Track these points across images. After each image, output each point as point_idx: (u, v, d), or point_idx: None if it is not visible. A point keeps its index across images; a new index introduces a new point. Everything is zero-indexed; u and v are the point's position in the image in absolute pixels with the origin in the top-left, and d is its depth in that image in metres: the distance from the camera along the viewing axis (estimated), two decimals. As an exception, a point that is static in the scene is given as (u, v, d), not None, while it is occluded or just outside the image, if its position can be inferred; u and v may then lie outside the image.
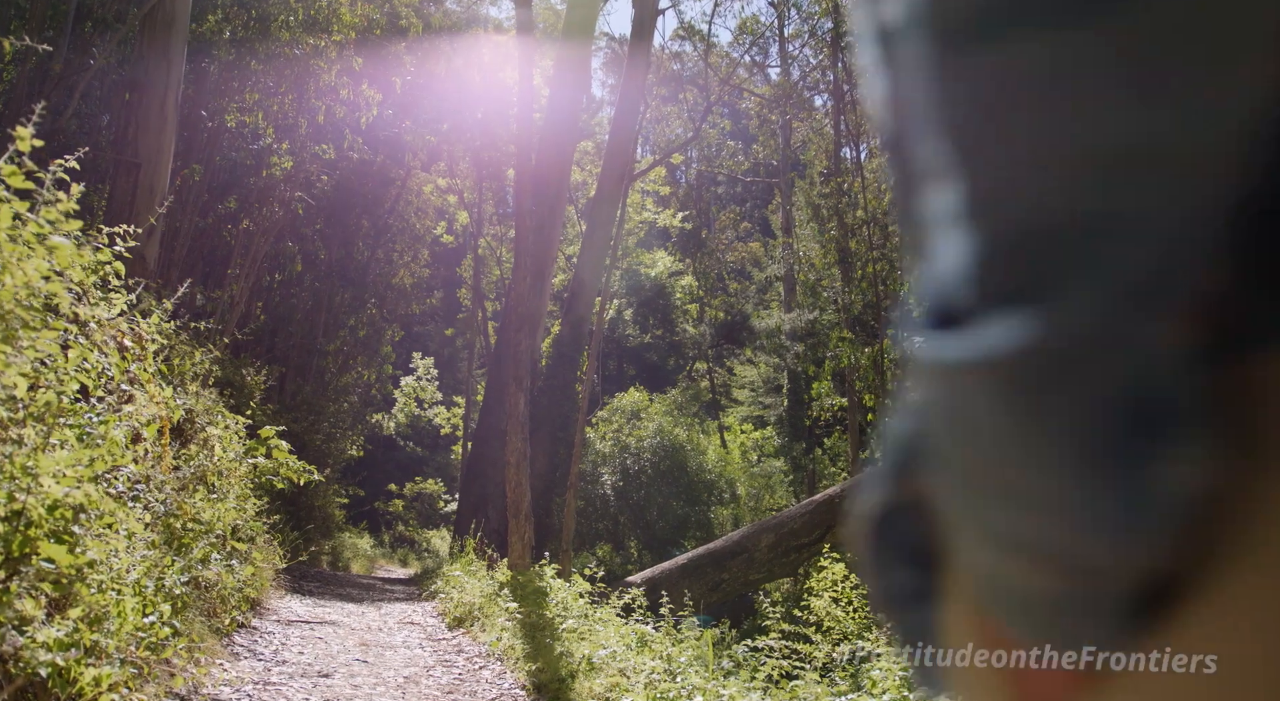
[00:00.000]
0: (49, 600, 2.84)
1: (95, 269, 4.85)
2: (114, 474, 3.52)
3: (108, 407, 3.98)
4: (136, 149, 7.62)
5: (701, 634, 5.85)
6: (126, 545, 3.46)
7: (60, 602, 2.88)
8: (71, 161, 5.00)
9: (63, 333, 3.79)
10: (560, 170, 15.88)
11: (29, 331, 3.15)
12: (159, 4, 7.77)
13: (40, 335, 2.96)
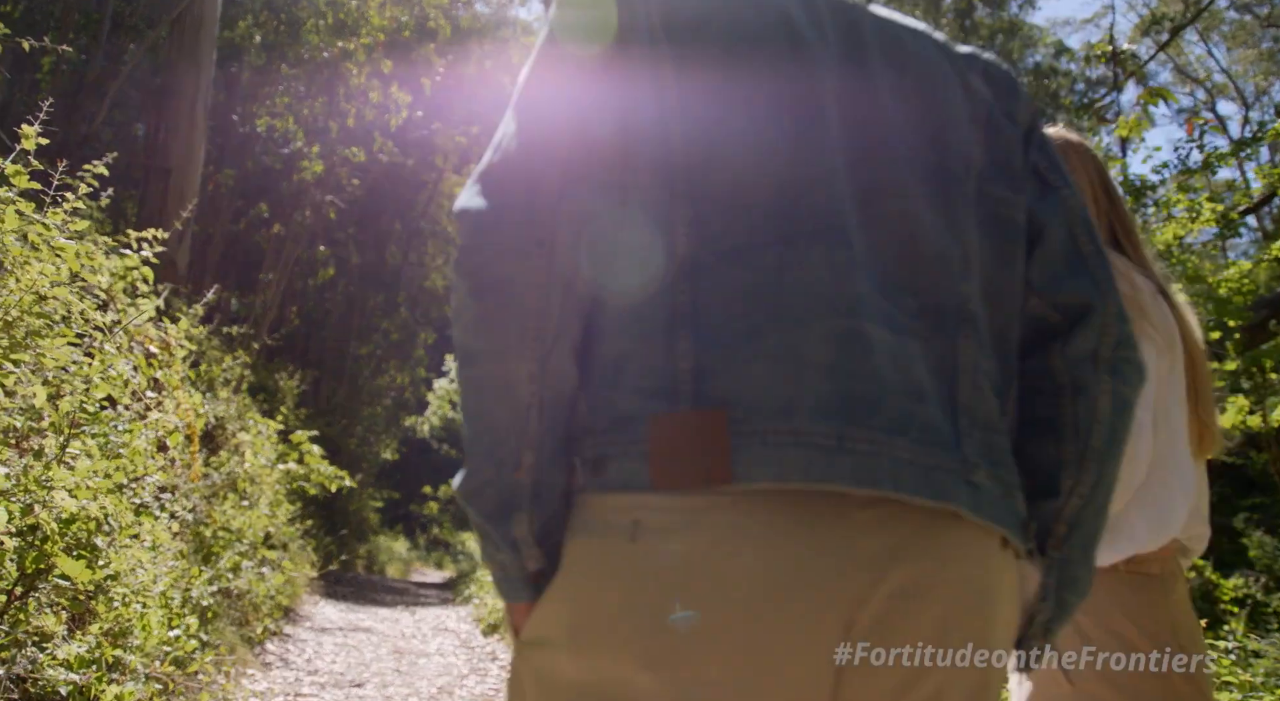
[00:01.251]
0: (71, 615, 2.76)
1: (123, 274, 4.80)
2: (139, 483, 3.44)
3: (134, 415, 3.90)
4: (167, 154, 7.62)
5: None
6: (152, 556, 3.37)
7: (82, 617, 2.80)
8: (100, 167, 4.96)
9: (86, 339, 3.72)
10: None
11: (37, 339, 3.07)
12: (188, 9, 7.76)
13: (49, 342, 2.87)
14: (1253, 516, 10.17)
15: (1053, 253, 1.03)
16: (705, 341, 0.87)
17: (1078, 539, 1.00)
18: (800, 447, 0.82)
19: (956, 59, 1.07)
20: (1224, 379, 6.08)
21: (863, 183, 0.95)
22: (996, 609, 0.90)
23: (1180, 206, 5.57)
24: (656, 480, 0.84)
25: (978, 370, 0.94)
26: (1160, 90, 6.16)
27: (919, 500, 0.84)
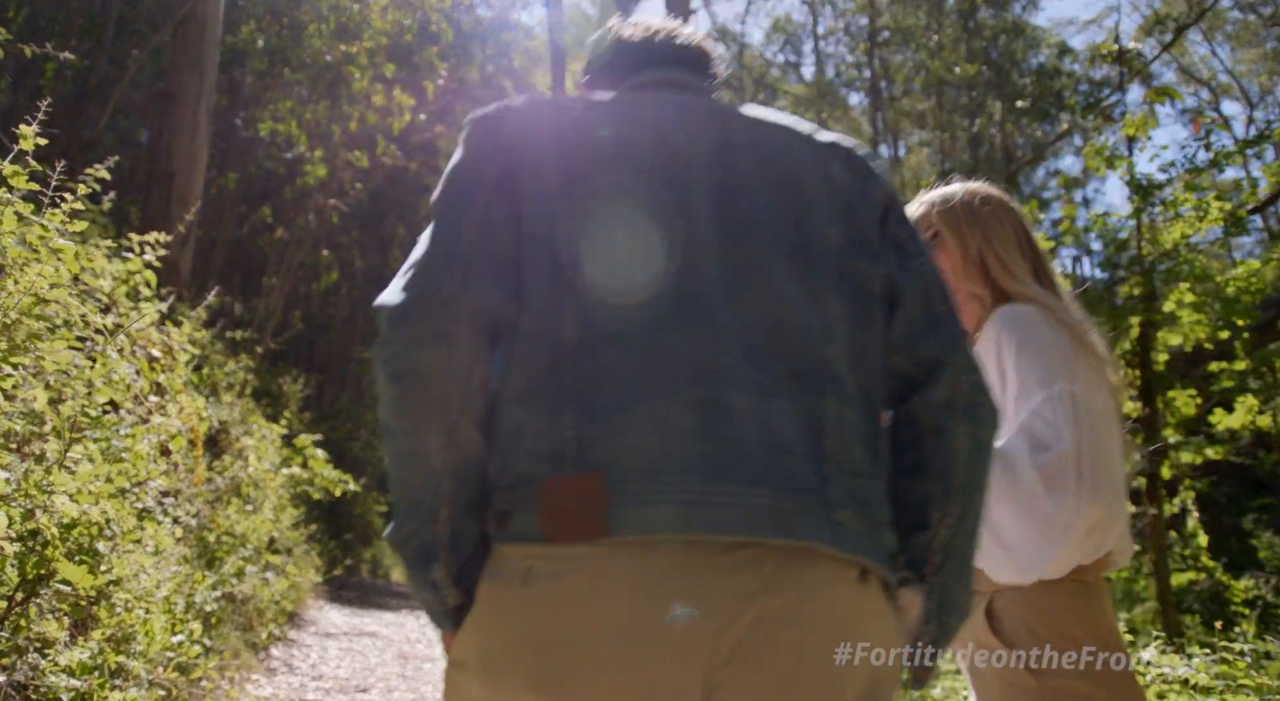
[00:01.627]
0: (73, 621, 2.74)
1: (125, 278, 4.78)
2: (141, 488, 3.41)
3: (137, 420, 3.88)
4: (170, 158, 7.60)
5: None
6: (155, 561, 3.35)
7: (84, 623, 2.78)
8: (102, 171, 4.93)
9: (88, 343, 3.70)
10: (594, 173, 15.76)
11: (37, 341, 3.05)
12: (191, 13, 7.75)
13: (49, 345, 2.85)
14: (1261, 517, 10.13)
15: (910, 314, 1.19)
16: (587, 414, 1.03)
17: (951, 566, 1.14)
18: (667, 504, 0.98)
19: (818, 150, 1.24)
20: (1233, 379, 6.03)
21: (732, 269, 1.11)
22: (855, 635, 1.01)
23: (1188, 205, 5.53)
24: (546, 533, 1.00)
25: (842, 423, 1.08)
26: (1166, 89, 6.13)
27: (776, 540, 0.98)
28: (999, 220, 1.70)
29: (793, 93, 27.27)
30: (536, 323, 1.08)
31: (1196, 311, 5.59)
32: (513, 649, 1.01)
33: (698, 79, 1.34)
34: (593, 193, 1.13)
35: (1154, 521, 5.56)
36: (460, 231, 1.11)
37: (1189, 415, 5.76)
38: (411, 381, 1.07)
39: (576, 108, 1.21)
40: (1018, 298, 1.63)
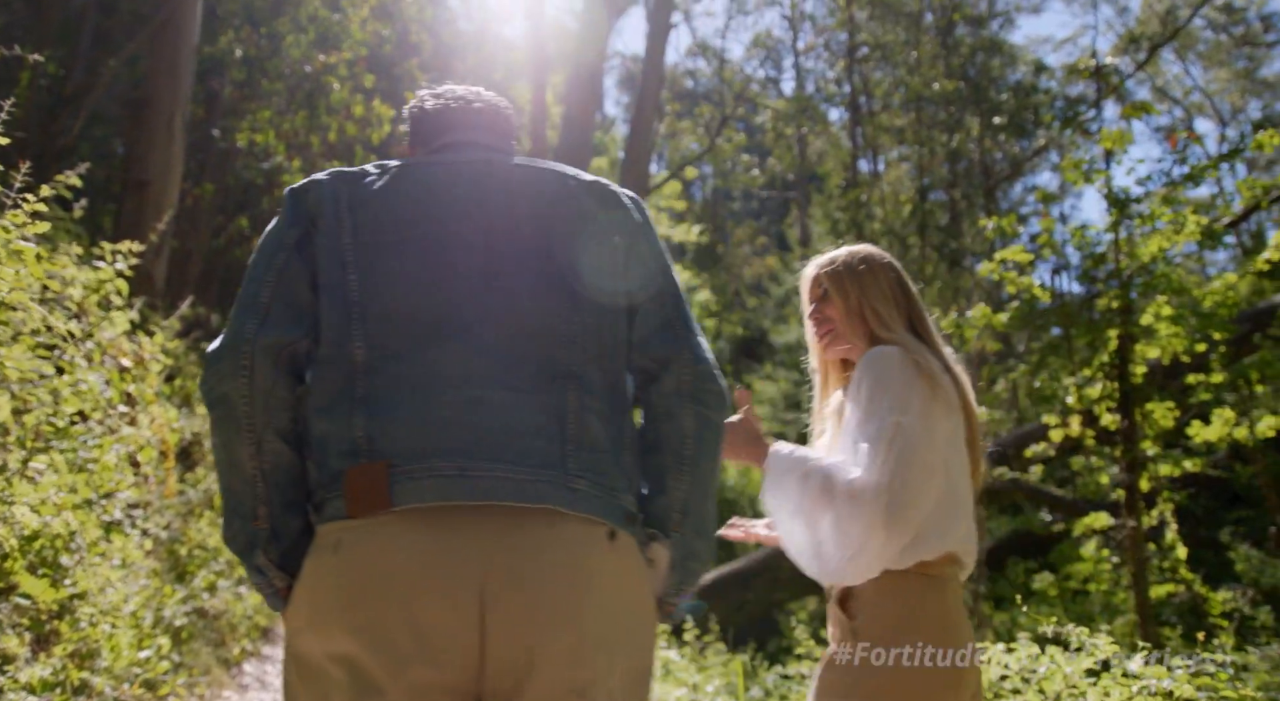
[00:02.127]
0: (35, 636, 2.66)
1: (96, 287, 4.70)
2: (110, 500, 3.34)
3: (106, 430, 3.81)
4: (145, 166, 7.50)
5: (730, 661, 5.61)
6: (122, 575, 3.28)
7: (47, 638, 2.70)
8: (73, 178, 4.85)
9: (56, 351, 3.63)
10: (575, 186, 15.77)
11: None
12: (168, 20, 7.68)
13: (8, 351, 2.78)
14: (1238, 530, 10.18)
15: (645, 322, 1.48)
16: (372, 418, 1.32)
17: (690, 522, 1.44)
18: (432, 479, 1.28)
19: (576, 189, 1.51)
20: (1210, 391, 6.05)
21: (492, 294, 1.40)
22: (598, 581, 1.31)
23: (1164, 219, 5.57)
24: (349, 511, 1.28)
25: (583, 411, 1.37)
26: (1143, 104, 6.18)
27: (521, 504, 1.28)
28: (875, 277, 2.02)
29: (773, 108, 27.37)
30: (331, 351, 1.38)
31: (1174, 324, 5.61)
32: (331, 602, 1.29)
33: (488, 137, 1.63)
34: (377, 243, 1.42)
35: (1133, 533, 5.57)
36: (261, 287, 1.40)
37: (1167, 427, 5.78)
38: (223, 406, 1.37)
39: (373, 175, 1.49)
40: (885, 343, 1.93)
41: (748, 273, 37.39)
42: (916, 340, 1.94)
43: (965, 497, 1.87)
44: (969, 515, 1.87)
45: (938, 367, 1.87)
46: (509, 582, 1.25)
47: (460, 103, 1.65)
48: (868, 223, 21.25)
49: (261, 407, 1.35)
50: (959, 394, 1.90)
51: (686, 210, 32.85)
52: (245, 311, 1.39)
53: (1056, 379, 6.19)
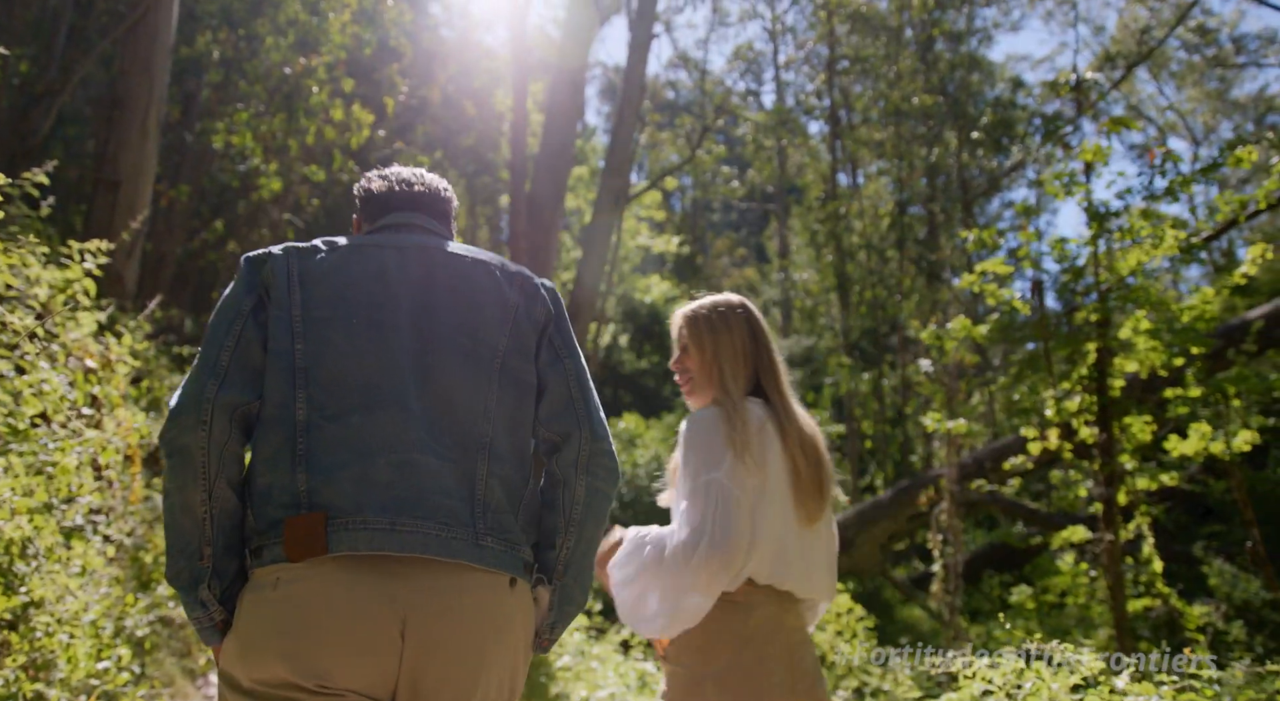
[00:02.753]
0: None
1: (63, 287, 4.58)
2: (70, 505, 3.23)
3: (70, 433, 3.70)
4: (116, 166, 7.37)
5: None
6: (82, 583, 3.17)
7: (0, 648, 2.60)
8: (40, 175, 4.75)
9: (16, 351, 3.52)
10: (555, 196, 15.70)
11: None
12: (142, 18, 7.56)
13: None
14: (1211, 544, 10.22)
15: (552, 400, 1.72)
16: (313, 473, 1.51)
17: (571, 573, 1.70)
18: (366, 531, 1.48)
19: (501, 278, 1.76)
20: (1186, 405, 6.06)
21: (421, 369, 1.61)
22: (496, 622, 1.55)
23: (1144, 233, 5.57)
24: (289, 555, 1.47)
25: (491, 477, 1.60)
26: (1123, 119, 6.20)
27: (439, 558, 1.50)
28: (730, 331, 2.21)
29: (753, 120, 27.44)
30: (277, 411, 1.58)
31: (1152, 338, 5.61)
32: (266, 634, 1.47)
33: (427, 220, 1.87)
34: (321, 317, 1.62)
35: (1110, 547, 5.56)
36: (221, 350, 1.59)
37: (1145, 441, 5.78)
38: (181, 456, 1.54)
39: (323, 251, 1.71)
40: (719, 401, 2.15)
41: (727, 284, 37.44)
42: (752, 398, 2.16)
43: (772, 535, 2.09)
44: (777, 549, 2.10)
45: (756, 425, 2.10)
46: (426, 621, 1.50)
47: (403, 186, 1.90)
48: (846, 235, 21.33)
49: (216, 459, 1.55)
50: (783, 441, 2.13)
51: (666, 221, 32.87)
52: (206, 372, 1.59)
53: (1035, 392, 6.18)
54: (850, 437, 21.53)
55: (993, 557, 13.18)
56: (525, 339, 1.73)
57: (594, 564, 1.77)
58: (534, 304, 1.77)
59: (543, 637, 1.73)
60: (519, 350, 1.72)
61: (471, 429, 1.63)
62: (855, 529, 11.94)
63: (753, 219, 48.87)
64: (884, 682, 8.43)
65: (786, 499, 2.13)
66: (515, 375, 1.70)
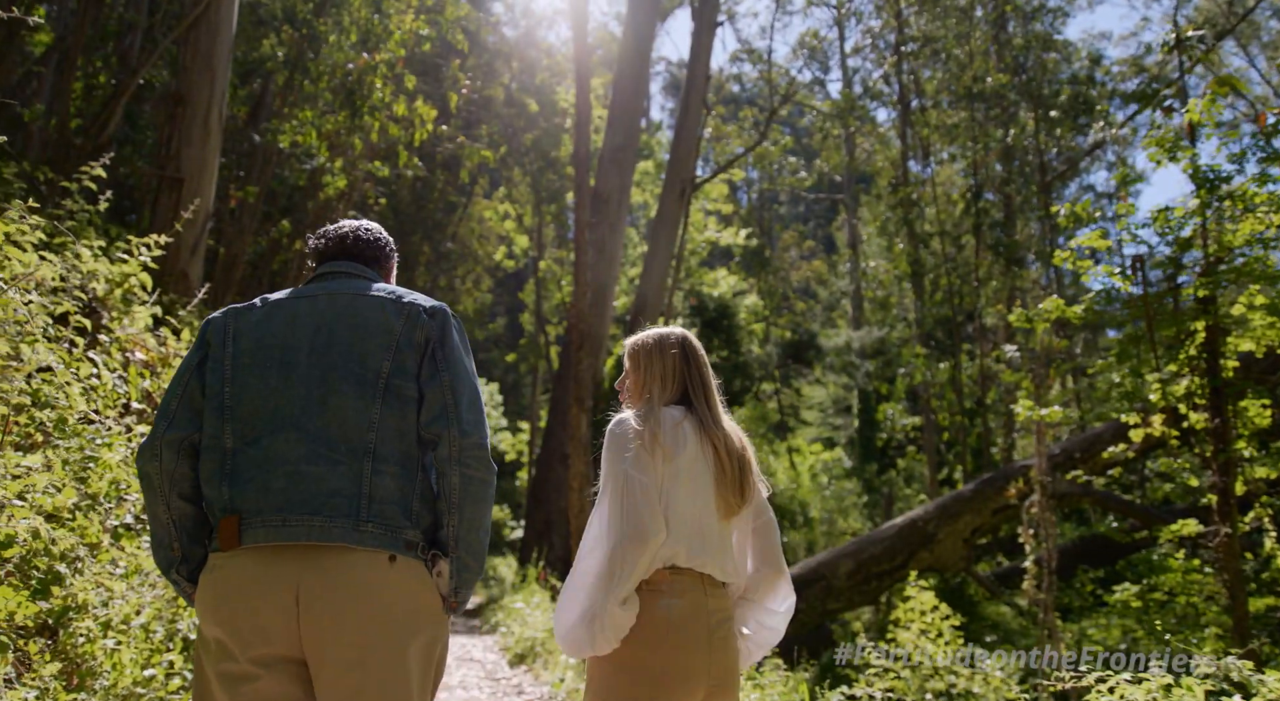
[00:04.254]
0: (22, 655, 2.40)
1: (119, 281, 4.49)
2: (121, 504, 3.09)
3: (123, 428, 3.56)
4: (179, 163, 7.35)
5: (789, 678, 5.24)
6: (130, 584, 3.02)
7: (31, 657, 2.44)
8: (97, 169, 4.67)
9: (64, 344, 3.40)
10: (620, 189, 15.49)
11: None
12: (203, 15, 7.52)
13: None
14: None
15: (429, 408, 2.06)
16: (233, 486, 1.98)
17: (463, 546, 2.06)
18: (266, 527, 1.94)
19: (389, 309, 2.13)
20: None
21: (318, 395, 2.02)
22: (375, 589, 1.95)
23: (1258, 200, 5.11)
24: (220, 546, 1.97)
25: (376, 475, 2.00)
26: (1229, 78, 5.73)
27: (321, 543, 1.93)
28: (661, 356, 2.53)
29: (819, 108, 26.87)
30: (211, 441, 2.03)
31: (1270, 314, 5.15)
32: (208, 603, 1.96)
33: (352, 265, 2.28)
34: (245, 364, 2.06)
35: (1226, 542, 5.11)
36: (172, 398, 2.09)
37: (1262, 426, 5.31)
38: (145, 479, 2.07)
39: (257, 309, 2.16)
40: (637, 407, 2.47)
41: (795, 276, 36.87)
42: (675, 405, 2.47)
43: (689, 521, 2.34)
44: (695, 534, 2.35)
45: (670, 424, 2.39)
46: (314, 592, 1.91)
47: (335, 241, 2.33)
48: (919, 222, 20.71)
49: (167, 481, 2.05)
50: (711, 440, 2.43)
51: (733, 213, 32.46)
52: (161, 416, 2.09)
53: (1138, 374, 5.74)
54: (926, 430, 20.90)
55: (1083, 552, 12.60)
56: (405, 360, 2.09)
57: (483, 539, 2.11)
58: (414, 329, 2.12)
59: (449, 600, 2.09)
60: (400, 370, 2.08)
61: (359, 438, 2.01)
62: (936, 523, 11.48)
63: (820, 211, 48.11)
64: (973, 684, 8.04)
65: (707, 491, 2.39)
66: (398, 391, 2.06)
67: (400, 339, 2.09)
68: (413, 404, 2.06)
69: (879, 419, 25.23)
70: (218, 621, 1.92)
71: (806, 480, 22.00)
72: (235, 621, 1.91)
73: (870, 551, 11.56)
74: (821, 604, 11.56)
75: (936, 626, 8.71)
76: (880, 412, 25.15)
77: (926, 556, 11.46)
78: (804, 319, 33.47)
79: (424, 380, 2.08)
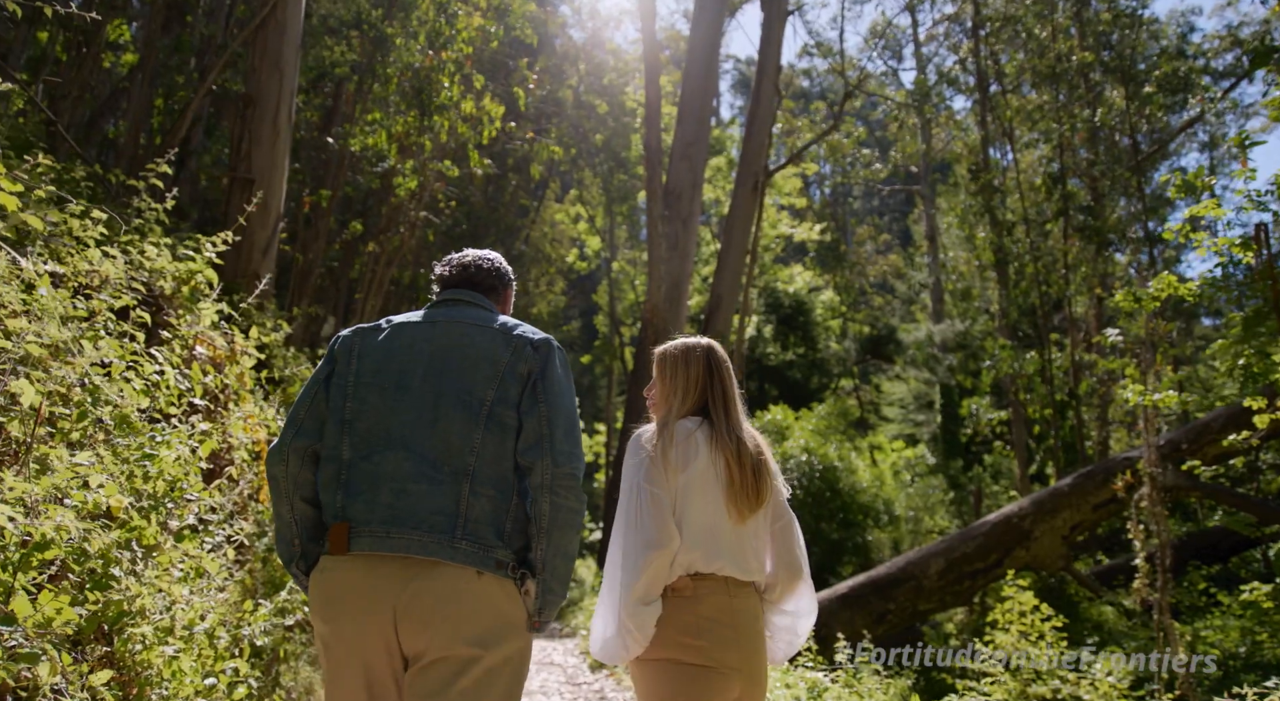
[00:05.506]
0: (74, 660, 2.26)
1: (186, 278, 4.40)
2: (183, 504, 2.95)
3: (188, 427, 3.44)
4: (250, 165, 7.33)
5: (889, 685, 4.92)
6: (195, 588, 2.88)
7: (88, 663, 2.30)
8: (163, 166, 4.60)
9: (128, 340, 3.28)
10: (692, 184, 15.22)
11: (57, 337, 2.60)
12: (269, 16, 7.50)
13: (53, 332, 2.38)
14: None
15: (526, 437, 2.25)
16: (347, 496, 2.20)
17: (549, 570, 2.23)
18: (372, 537, 2.14)
19: (496, 339, 2.34)
20: None
21: (428, 417, 2.23)
22: (461, 598, 2.12)
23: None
24: (330, 550, 2.18)
25: (473, 496, 2.19)
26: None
27: (419, 557, 2.12)
28: (687, 367, 2.66)
29: (892, 100, 26.20)
30: (331, 452, 2.25)
31: None
32: (315, 601, 2.19)
33: (471, 294, 2.49)
34: (366, 382, 2.28)
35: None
36: (300, 408, 2.32)
37: None
38: (273, 482, 2.30)
39: (383, 330, 2.38)
40: (657, 419, 2.61)
41: (872, 271, 36.12)
42: (690, 417, 2.60)
43: (702, 527, 2.47)
44: (708, 540, 2.47)
45: (682, 436, 2.52)
46: (411, 601, 2.08)
47: (457, 269, 2.55)
48: (1000, 209, 19.96)
49: (292, 484, 2.26)
50: (724, 452, 2.53)
51: (807, 209, 31.94)
52: (289, 424, 2.29)
53: (1264, 354, 5.27)
54: (1015, 423, 20.13)
55: (1192, 549, 11.91)
56: (509, 389, 2.25)
57: (569, 565, 2.25)
58: (519, 360, 2.29)
59: (533, 619, 2.23)
60: (503, 399, 2.24)
61: (461, 462, 2.18)
62: (1033, 519, 10.95)
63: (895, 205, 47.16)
64: (1080, 690, 7.57)
65: (718, 498, 2.50)
66: (499, 419, 2.22)
67: (505, 370, 2.26)
68: (512, 432, 2.22)
69: (963, 414, 24.50)
70: (325, 618, 2.14)
71: (889, 477, 21.40)
72: (339, 621, 2.12)
73: (962, 550, 11.08)
74: (912, 604, 11.12)
75: (1038, 628, 8.25)
76: (964, 408, 24.42)
77: (1023, 554, 10.94)
78: (882, 313, 32.74)
79: (524, 410, 2.23)
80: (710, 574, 2.45)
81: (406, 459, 2.15)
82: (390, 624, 2.07)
